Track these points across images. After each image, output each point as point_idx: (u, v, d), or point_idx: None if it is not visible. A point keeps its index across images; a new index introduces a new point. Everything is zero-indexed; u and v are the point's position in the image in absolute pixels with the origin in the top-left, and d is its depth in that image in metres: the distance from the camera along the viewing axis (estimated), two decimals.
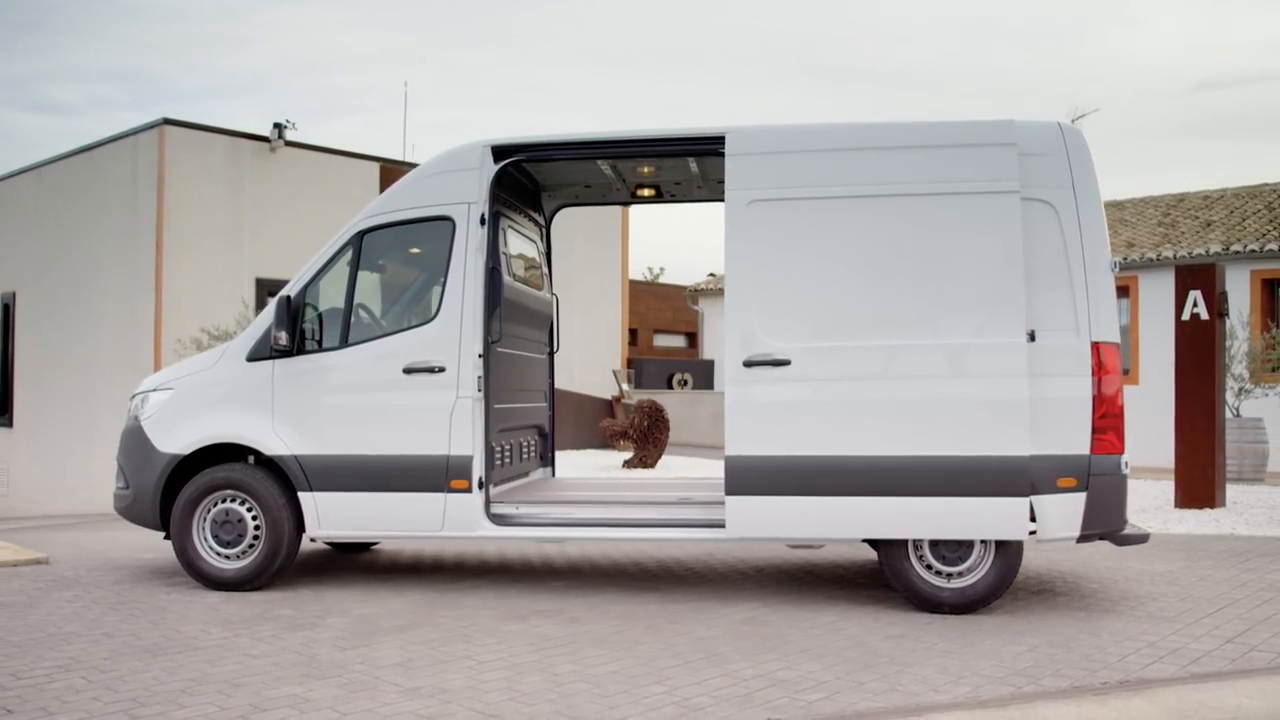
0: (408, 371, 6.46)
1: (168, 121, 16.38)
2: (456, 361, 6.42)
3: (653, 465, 16.56)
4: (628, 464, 16.37)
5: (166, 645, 5.30)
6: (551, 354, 8.53)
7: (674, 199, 8.24)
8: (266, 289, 17.38)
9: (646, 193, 8.12)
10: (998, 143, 6.09)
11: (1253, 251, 16.98)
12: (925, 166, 6.13)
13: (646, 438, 16.43)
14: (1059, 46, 79.62)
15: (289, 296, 6.54)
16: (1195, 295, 11.12)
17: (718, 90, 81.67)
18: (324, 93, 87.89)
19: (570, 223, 21.64)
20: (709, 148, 6.52)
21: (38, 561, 7.58)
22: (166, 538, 6.85)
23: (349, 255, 6.68)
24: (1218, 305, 11.11)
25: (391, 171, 19.12)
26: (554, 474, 8.44)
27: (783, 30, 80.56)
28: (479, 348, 6.44)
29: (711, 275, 35.96)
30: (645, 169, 7.77)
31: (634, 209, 23.79)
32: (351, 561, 7.82)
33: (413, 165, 18.87)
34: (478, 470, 6.38)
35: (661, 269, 48.25)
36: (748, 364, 6.09)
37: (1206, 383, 10.99)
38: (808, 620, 5.86)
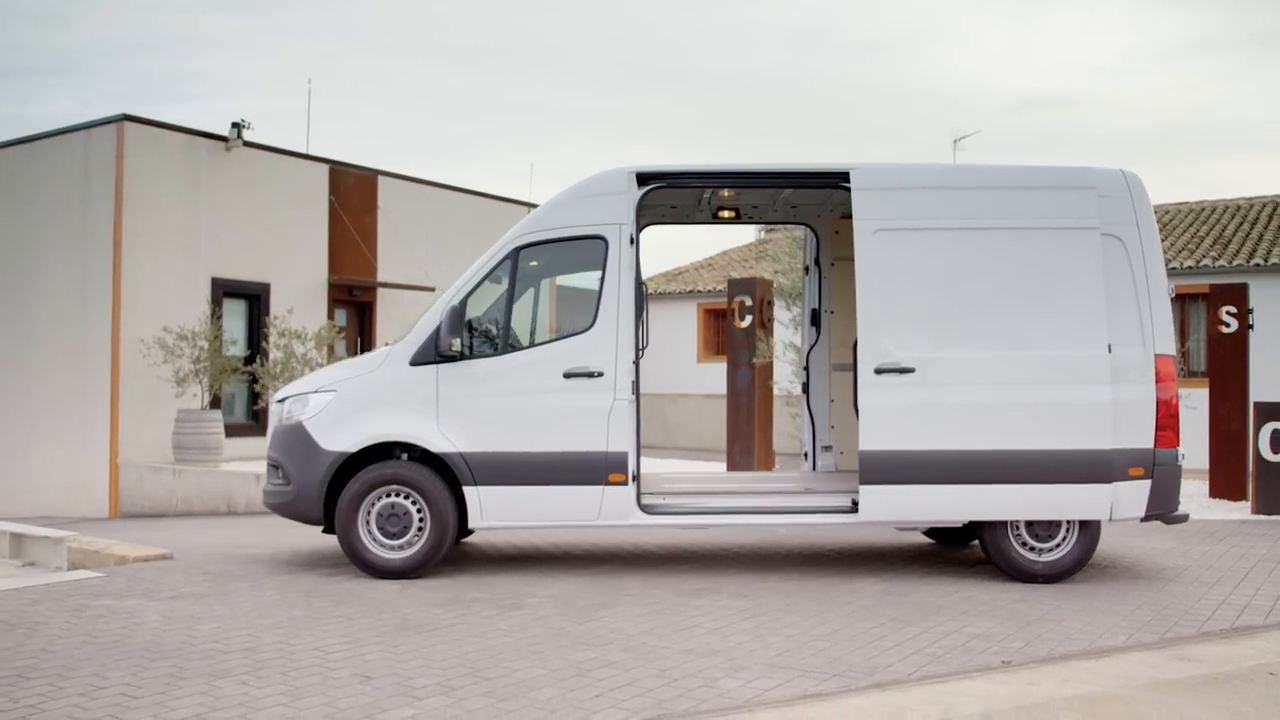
0: (568, 376, 7.13)
1: (127, 118, 16.11)
2: (613, 367, 7.13)
3: None
4: None
5: (413, 624, 5.85)
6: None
7: (750, 220, 9.14)
8: (222, 289, 17.29)
9: (726, 214, 8.97)
10: (1079, 186, 7.27)
11: None
12: (1023, 204, 7.24)
13: None
14: (892, 59, 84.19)
15: (455, 306, 7.09)
16: None
17: (564, 92, 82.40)
18: (150, 77, 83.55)
19: (500, 227, 22.14)
20: (832, 182, 7.46)
21: (164, 557, 7.83)
22: (325, 531, 7.30)
23: (507, 268, 7.29)
24: None
25: (340, 174, 19.31)
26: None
27: (630, 34, 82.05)
28: (632, 354, 7.18)
29: None
30: (727, 193, 8.63)
31: None
32: (462, 551, 8.35)
33: (324, 160, 18.91)
34: (632, 465, 7.12)
35: None
36: (878, 371, 7.05)
37: None
38: (938, 591, 6.87)
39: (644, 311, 7.45)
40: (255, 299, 17.82)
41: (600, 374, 7.13)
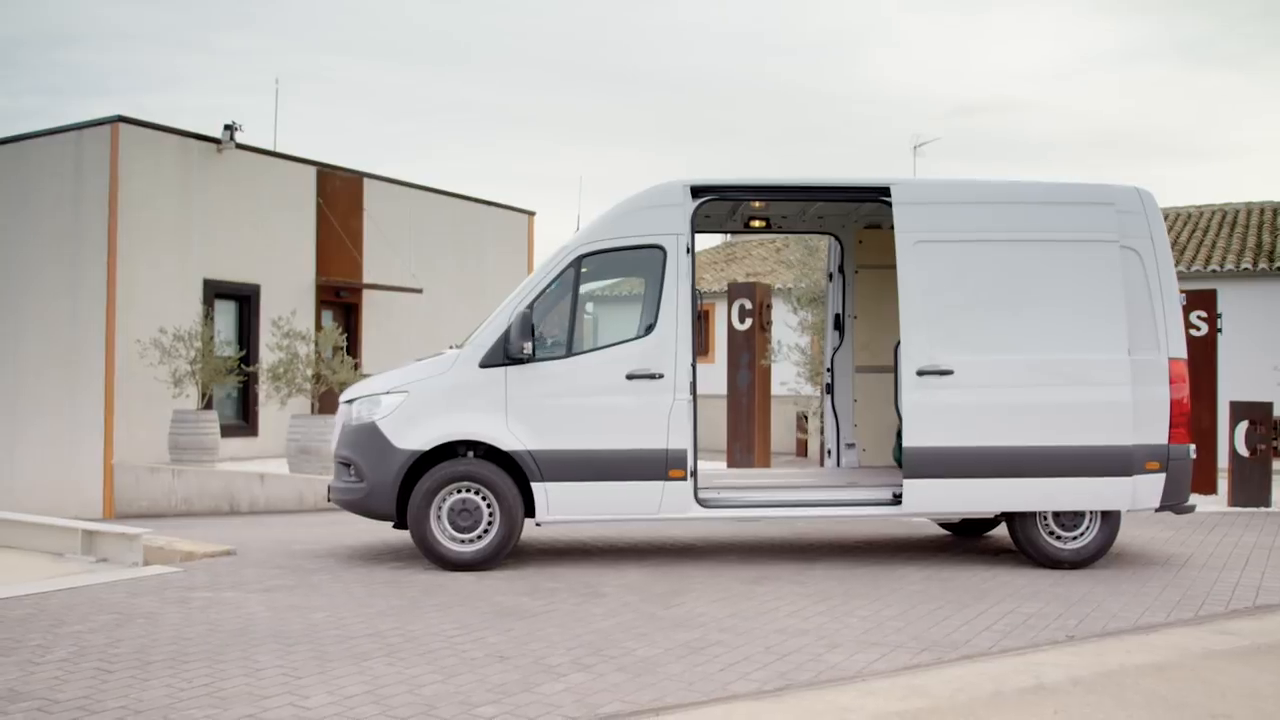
0: (630, 377, 7.54)
1: (121, 119, 16.12)
2: (673, 369, 7.57)
3: None
4: None
5: (511, 611, 6.22)
6: None
7: (779, 230, 9.64)
8: (214, 290, 17.35)
9: (757, 224, 9.45)
10: (1101, 202, 7.87)
11: None
12: (1050, 218, 7.82)
13: None
14: (825, 63, 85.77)
15: (524, 311, 7.46)
16: None
17: (500, 92, 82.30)
18: (76, 69, 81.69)
19: (482, 230, 22.44)
20: (873, 196, 7.98)
21: (228, 553, 8.07)
22: (396, 527, 7.63)
23: (570, 275, 7.69)
24: None
25: (327, 176, 19.44)
26: None
27: (569, 33, 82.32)
28: (690, 357, 7.62)
29: None
30: (758, 204, 9.11)
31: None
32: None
33: (312, 162, 18.99)
34: (691, 461, 7.56)
35: None
36: (919, 373, 7.58)
37: None
38: (977, 577, 7.40)
39: (697, 316, 7.89)
40: (246, 300, 17.90)
41: (661, 375, 7.56)
